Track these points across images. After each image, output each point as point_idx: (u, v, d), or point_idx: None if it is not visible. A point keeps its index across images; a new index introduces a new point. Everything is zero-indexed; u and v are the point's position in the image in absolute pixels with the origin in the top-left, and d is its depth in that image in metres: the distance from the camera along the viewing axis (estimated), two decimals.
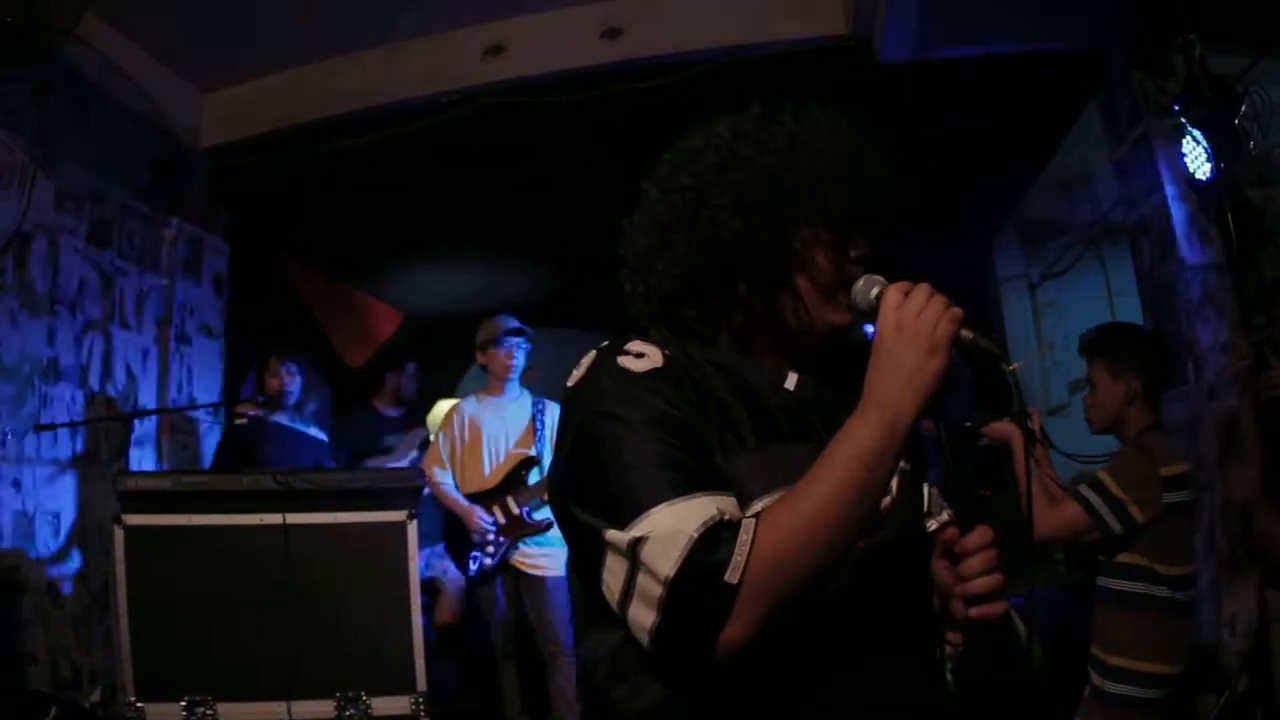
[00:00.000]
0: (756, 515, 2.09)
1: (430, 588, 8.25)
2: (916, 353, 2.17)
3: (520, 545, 8.01)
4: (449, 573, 9.51)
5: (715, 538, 2.02)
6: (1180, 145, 6.79)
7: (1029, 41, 7.53)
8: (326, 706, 6.22)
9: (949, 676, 2.49)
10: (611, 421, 2.20)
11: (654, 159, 2.60)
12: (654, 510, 2.06)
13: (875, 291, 2.33)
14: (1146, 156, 7.31)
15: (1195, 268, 7.00)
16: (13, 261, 7.09)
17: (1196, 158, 6.61)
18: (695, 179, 2.45)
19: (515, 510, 8.01)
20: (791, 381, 2.49)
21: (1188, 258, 7.02)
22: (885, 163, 2.47)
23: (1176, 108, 6.80)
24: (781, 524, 2.05)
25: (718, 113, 2.58)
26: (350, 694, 6.24)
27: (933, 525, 2.64)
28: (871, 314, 2.32)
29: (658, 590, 2.01)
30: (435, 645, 6.66)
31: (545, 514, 7.97)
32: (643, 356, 2.31)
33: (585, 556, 2.22)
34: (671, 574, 1.99)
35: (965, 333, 2.22)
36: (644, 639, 2.07)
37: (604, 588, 2.15)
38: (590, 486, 2.21)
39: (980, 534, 2.24)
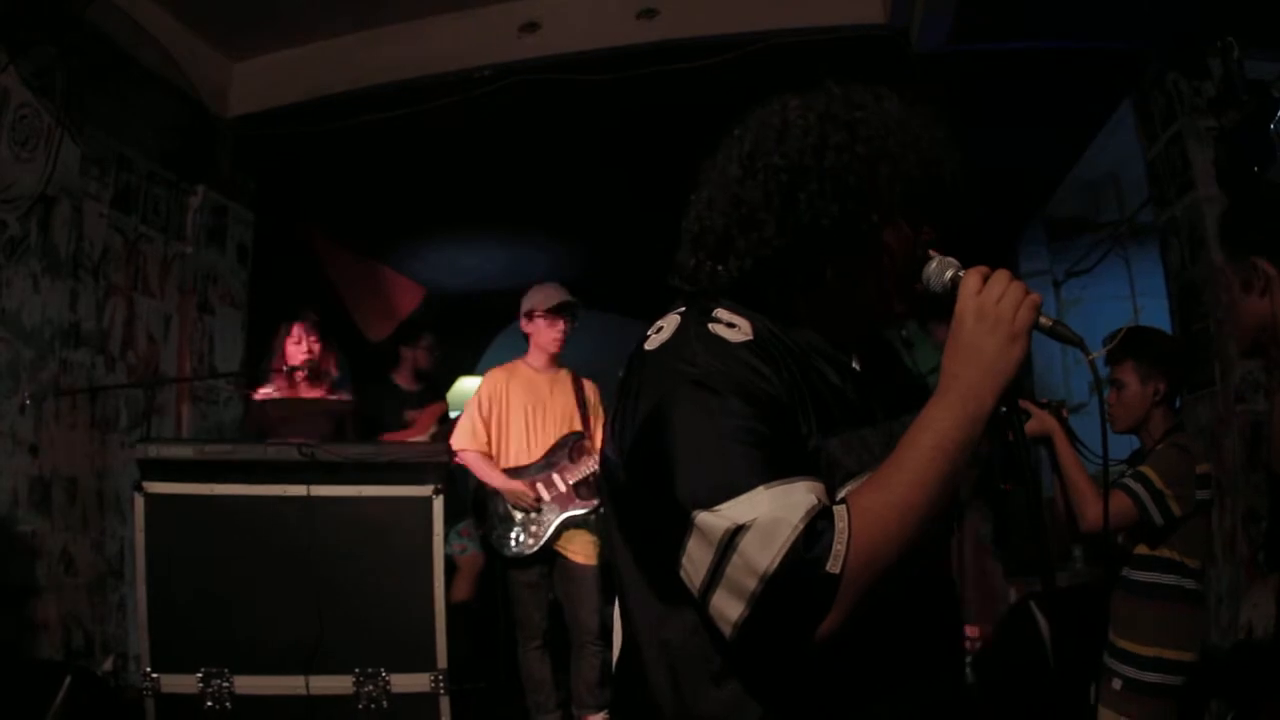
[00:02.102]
0: (844, 502, 2.05)
1: (448, 565, 8.18)
2: (997, 340, 2.15)
3: (566, 531, 7.81)
4: (466, 550, 9.49)
5: (815, 528, 1.97)
6: (1214, 147, 6.78)
7: (1065, 38, 7.51)
8: (345, 682, 6.20)
9: (967, 671, 2.51)
10: (704, 392, 2.13)
11: (686, 141, 2.57)
12: (749, 493, 2.00)
13: (950, 274, 2.31)
14: (1180, 157, 7.30)
15: (1225, 270, 6.98)
16: (36, 225, 7.05)
17: (1230, 160, 6.60)
18: (787, 160, 2.33)
19: (563, 487, 7.80)
20: (856, 363, 2.47)
21: (1218, 260, 7.00)
22: (958, 149, 2.42)
23: (1212, 110, 6.80)
24: (872, 511, 2.02)
25: (757, 96, 2.53)
26: (369, 670, 6.22)
27: None
28: (945, 295, 2.30)
29: (751, 584, 1.96)
30: (451, 623, 6.59)
31: (595, 493, 7.82)
32: (734, 326, 2.26)
33: (656, 533, 2.16)
34: (772, 568, 1.95)
35: (1044, 319, 2.20)
36: (726, 630, 2.03)
37: (682, 571, 2.09)
38: (678, 460, 2.11)
39: None
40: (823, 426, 2.24)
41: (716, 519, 2.00)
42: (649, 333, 2.35)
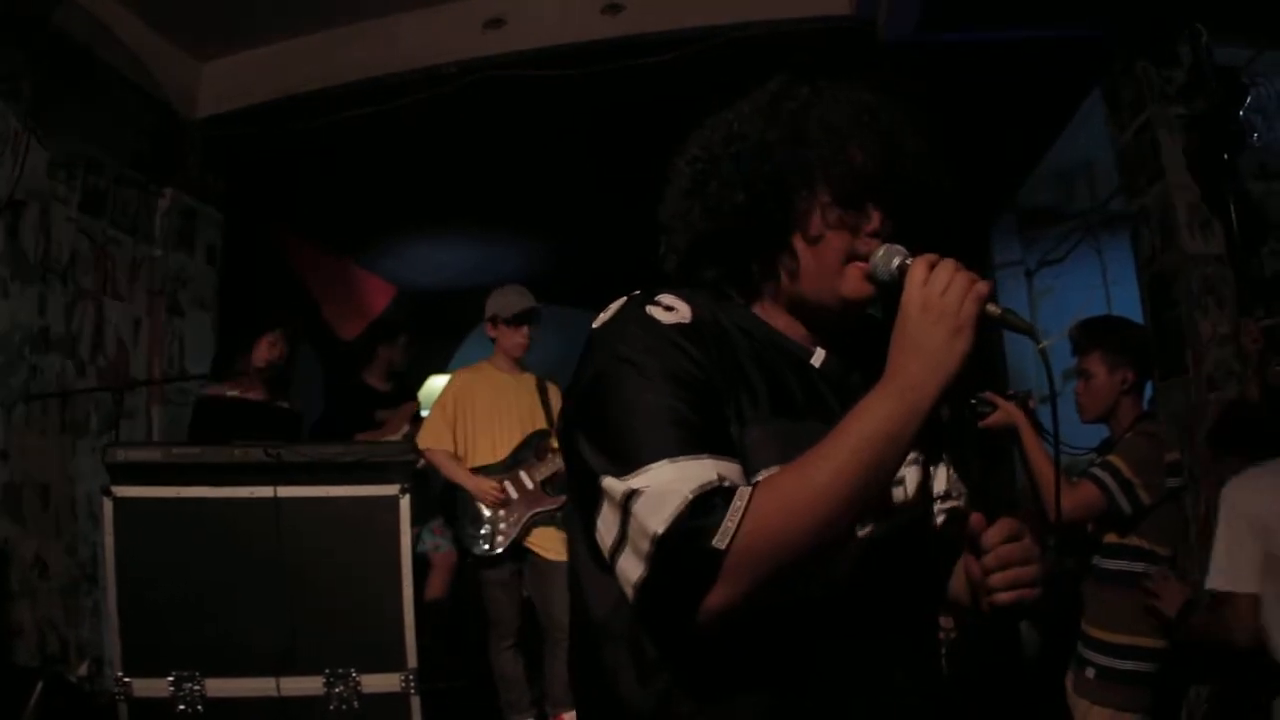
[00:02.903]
0: (755, 483, 2.08)
1: (421, 563, 8.18)
2: (941, 333, 2.11)
3: (535, 528, 7.89)
4: (440, 548, 9.49)
5: (709, 503, 2.01)
6: (1184, 134, 6.79)
7: (1033, 27, 7.51)
8: (315, 683, 6.18)
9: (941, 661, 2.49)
10: (630, 369, 2.19)
11: (653, 136, 2.61)
12: (655, 465, 2.06)
13: (897, 262, 2.28)
14: (1150, 145, 7.29)
15: (1196, 259, 6.99)
16: (4, 229, 7.01)
17: (1200, 148, 6.62)
18: (706, 151, 2.46)
19: (530, 484, 7.89)
20: (818, 358, 2.46)
21: (1189, 248, 7.01)
22: (904, 135, 2.40)
23: (1181, 97, 6.80)
24: (782, 494, 2.04)
25: (723, 90, 2.57)
26: (340, 671, 6.20)
27: (943, 507, 2.66)
28: (892, 285, 2.28)
29: (645, 545, 2.01)
30: (423, 622, 6.59)
31: (562, 490, 7.87)
32: (672, 310, 2.30)
33: (585, 501, 2.22)
34: (660, 531, 1.99)
35: (992, 308, 2.15)
36: (630, 592, 2.09)
37: (597, 536, 2.16)
38: (598, 430, 2.21)
39: (1002, 527, 2.21)
40: (747, 415, 2.26)
41: (619, 484, 2.08)
42: (600, 313, 2.40)
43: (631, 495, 2.05)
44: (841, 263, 2.36)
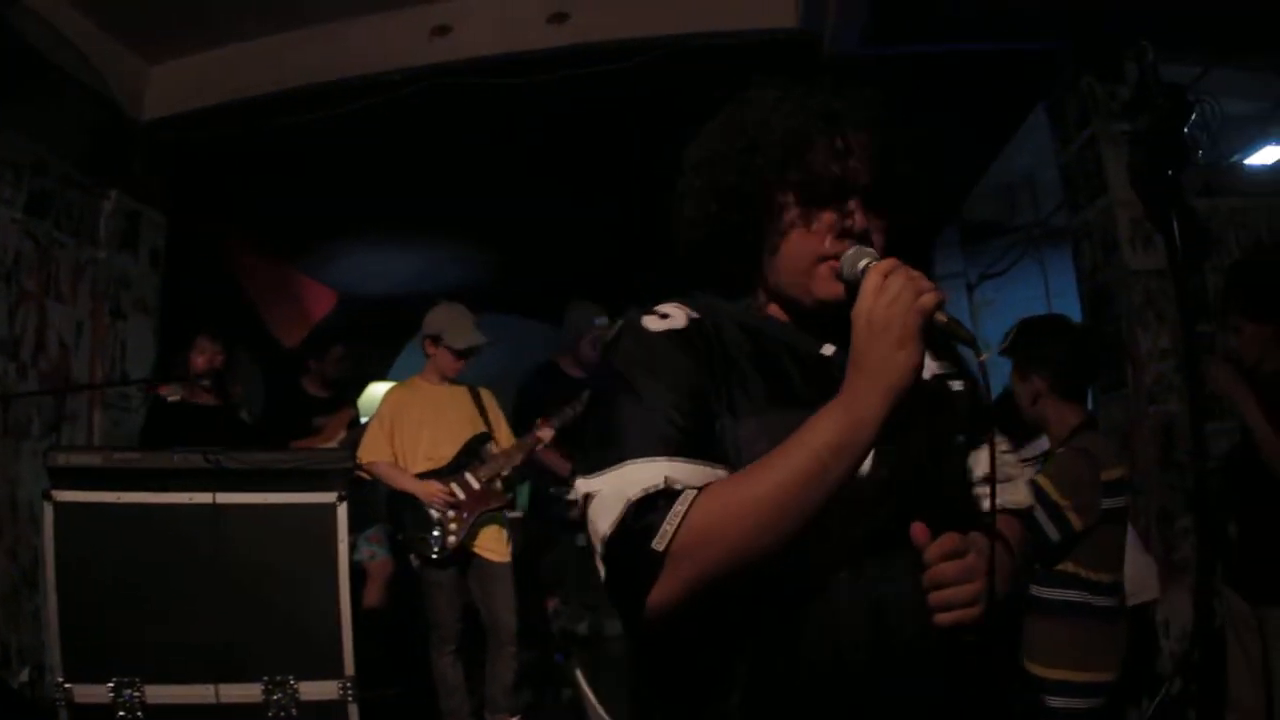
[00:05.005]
0: (701, 488, 2.13)
1: (357, 571, 8.19)
2: (883, 346, 2.11)
3: (481, 529, 7.97)
4: (376, 556, 9.50)
5: (651, 504, 2.08)
6: (1127, 151, 6.80)
7: (979, 41, 7.53)
8: (254, 690, 6.14)
9: None
10: (616, 379, 2.31)
11: (598, 145, 2.68)
12: (614, 468, 2.14)
13: (862, 265, 2.30)
14: (1093, 161, 7.35)
15: (1138, 274, 7.02)
16: None
17: (1143, 164, 6.62)
18: (684, 167, 2.59)
19: (476, 485, 7.96)
20: (828, 350, 2.48)
21: (1130, 263, 7.04)
22: (862, 135, 2.41)
23: (1126, 114, 6.83)
24: (723, 499, 2.10)
25: (668, 99, 2.64)
26: (278, 678, 6.17)
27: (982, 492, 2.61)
28: (858, 285, 2.27)
29: (600, 547, 2.14)
30: (361, 629, 6.58)
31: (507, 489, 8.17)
32: (666, 317, 2.41)
33: None
34: (607, 533, 2.09)
35: (940, 317, 2.15)
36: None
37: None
38: (588, 438, 2.32)
39: (942, 543, 2.20)
40: (741, 408, 2.31)
41: (583, 485, 2.20)
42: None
43: (588, 499, 2.17)
44: (813, 263, 2.41)
